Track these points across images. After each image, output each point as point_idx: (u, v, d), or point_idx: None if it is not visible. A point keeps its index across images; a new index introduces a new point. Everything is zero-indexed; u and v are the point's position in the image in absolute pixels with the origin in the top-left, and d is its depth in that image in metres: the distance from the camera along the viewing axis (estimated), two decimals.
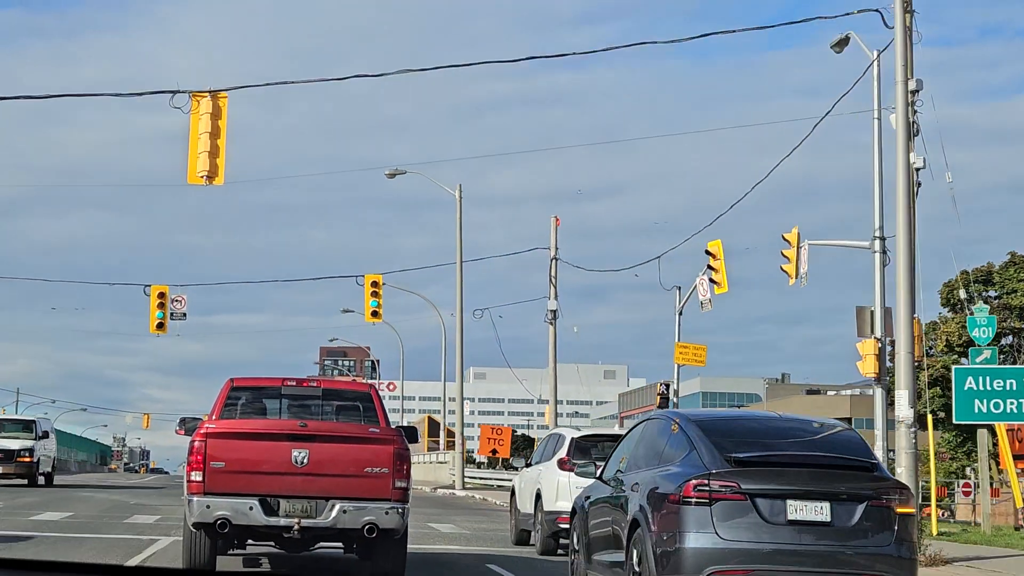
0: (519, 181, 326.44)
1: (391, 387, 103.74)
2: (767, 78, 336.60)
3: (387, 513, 14.41)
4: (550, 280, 52.48)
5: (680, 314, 44.15)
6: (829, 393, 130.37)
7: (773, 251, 35.85)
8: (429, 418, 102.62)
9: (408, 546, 15.50)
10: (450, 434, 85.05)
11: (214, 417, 15.06)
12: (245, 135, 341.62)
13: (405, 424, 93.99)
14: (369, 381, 46.25)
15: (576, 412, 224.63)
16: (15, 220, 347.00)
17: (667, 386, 45.31)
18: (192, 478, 14.30)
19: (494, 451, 57.06)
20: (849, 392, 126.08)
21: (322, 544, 15.61)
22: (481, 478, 63.78)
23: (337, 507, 14.34)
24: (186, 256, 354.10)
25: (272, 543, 15.38)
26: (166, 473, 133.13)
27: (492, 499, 44.15)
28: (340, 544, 15.69)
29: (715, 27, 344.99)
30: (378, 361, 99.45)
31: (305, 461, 14.33)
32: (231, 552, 15.76)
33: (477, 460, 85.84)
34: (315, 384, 16.05)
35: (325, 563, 17.41)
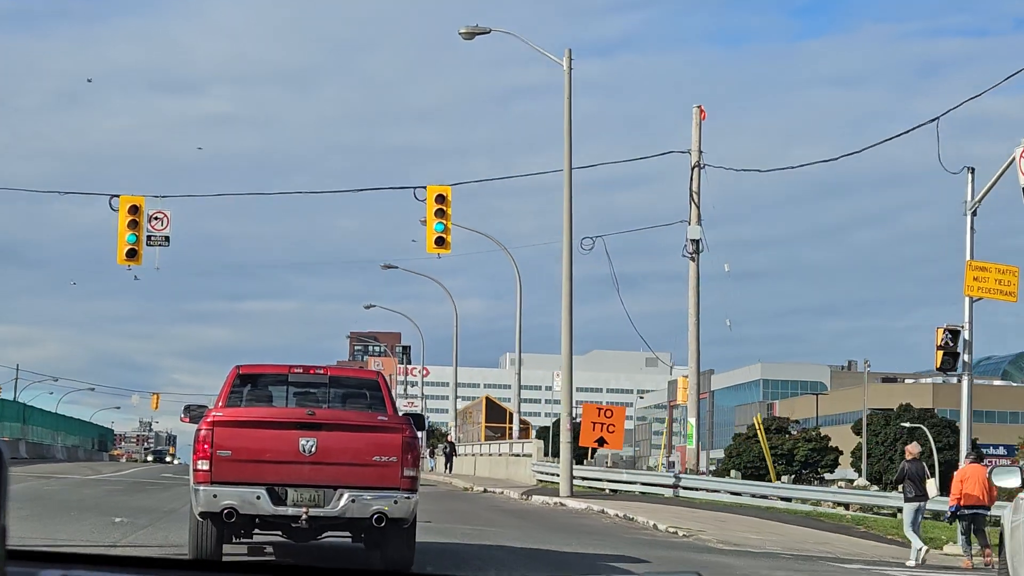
0: (548, 168, 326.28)
1: (424, 373, 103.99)
2: (800, 66, 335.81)
3: (396, 502, 14.55)
4: (691, 197, 39.84)
5: (974, 214, 31.26)
6: (907, 381, 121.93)
7: (807, 240, 35.33)
8: (488, 399, 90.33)
9: None
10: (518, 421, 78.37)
11: (220, 405, 15.24)
12: (273, 121, 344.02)
13: (458, 407, 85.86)
14: (378, 369, 42.44)
15: (618, 402, 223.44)
16: (43, 205, 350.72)
17: (954, 334, 31.12)
18: (199, 467, 14.48)
19: (601, 440, 43.45)
20: (930, 380, 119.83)
21: (329, 533, 15.81)
22: (582, 478, 45.19)
23: (345, 496, 14.50)
24: (214, 242, 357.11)
25: (279, 532, 15.54)
26: (176, 463, 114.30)
27: (640, 517, 30.82)
28: (348, 533, 15.88)
29: (746, 14, 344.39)
30: (409, 347, 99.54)
31: (313, 450, 14.50)
32: (236, 540, 15.95)
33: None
34: (322, 371, 16.19)
35: (331, 552, 17.58)
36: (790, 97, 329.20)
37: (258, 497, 14.40)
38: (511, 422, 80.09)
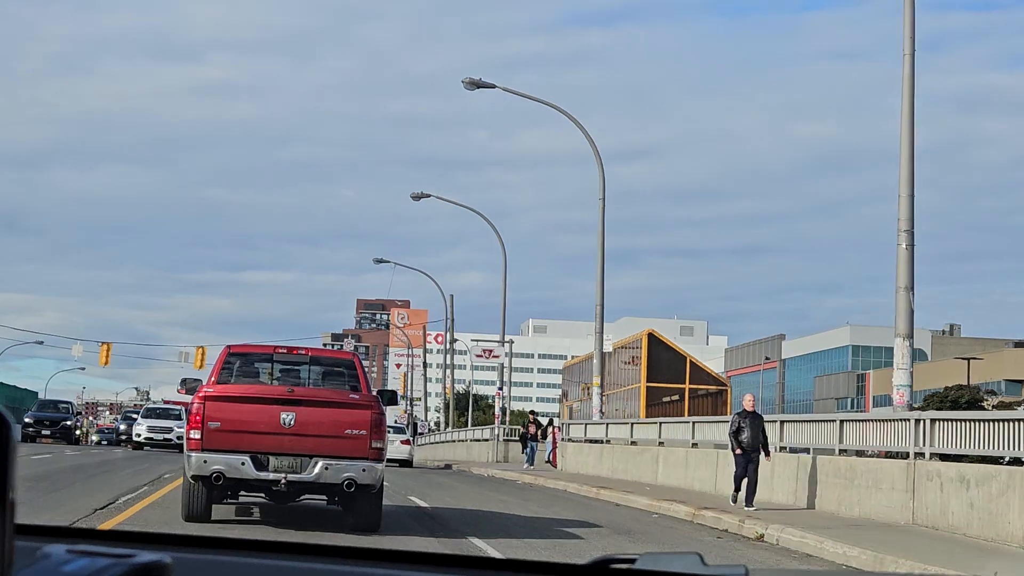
0: (549, 141, 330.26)
1: (438, 340, 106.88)
2: (802, 39, 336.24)
3: (364, 470, 17.25)
4: None
5: None
6: None
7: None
8: (652, 335, 63.56)
9: None
10: (702, 380, 55.63)
11: (212, 381, 18.06)
12: (271, 90, 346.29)
13: (604, 350, 78.30)
14: (351, 349, 42.27)
15: None
16: (40, 171, 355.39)
17: None
18: (191, 436, 17.30)
19: None
20: None
21: (307, 496, 18.57)
22: None
23: (320, 464, 17.21)
24: (214, 211, 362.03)
25: (262, 495, 18.37)
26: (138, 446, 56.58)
27: None
28: (323, 496, 18.69)
29: None
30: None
31: (292, 423, 17.26)
32: (224, 501, 18.97)
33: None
34: (303, 352, 18.88)
35: (312, 513, 20.50)
36: (792, 70, 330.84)
37: (243, 463, 17.15)
38: (693, 381, 58.34)
